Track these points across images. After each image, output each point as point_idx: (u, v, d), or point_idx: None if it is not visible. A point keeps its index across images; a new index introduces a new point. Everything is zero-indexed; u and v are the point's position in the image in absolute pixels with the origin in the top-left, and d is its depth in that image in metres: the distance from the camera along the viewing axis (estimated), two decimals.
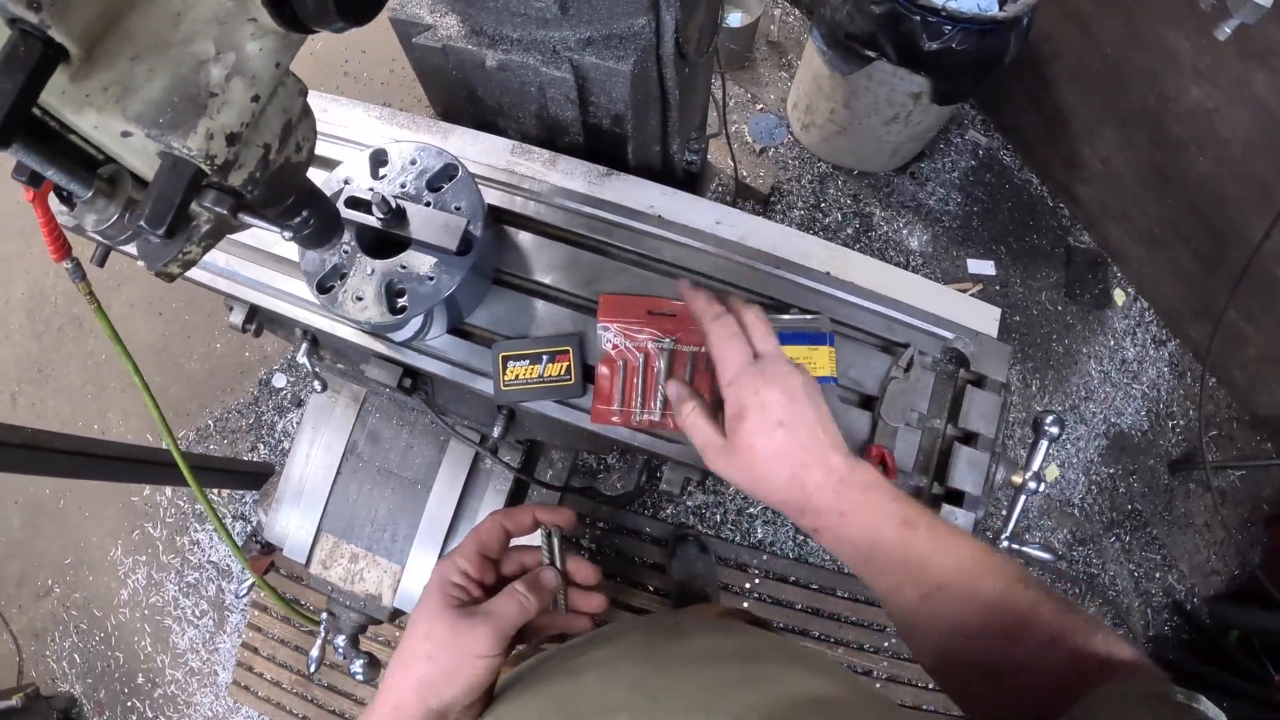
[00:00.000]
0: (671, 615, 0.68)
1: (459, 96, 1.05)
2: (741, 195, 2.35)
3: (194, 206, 0.47)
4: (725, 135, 1.54)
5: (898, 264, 2.39)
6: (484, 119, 1.08)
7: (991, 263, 2.42)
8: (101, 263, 1.09)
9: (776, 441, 0.56)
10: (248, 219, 0.54)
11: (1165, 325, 2.42)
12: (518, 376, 0.81)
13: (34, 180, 0.54)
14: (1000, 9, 1.81)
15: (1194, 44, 1.80)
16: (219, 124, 0.44)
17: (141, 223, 0.43)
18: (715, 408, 0.63)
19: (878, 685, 1.99)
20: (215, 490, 2.25)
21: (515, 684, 0.58)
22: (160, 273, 0.56)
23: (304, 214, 0.61)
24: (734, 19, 2.33)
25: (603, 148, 1.05)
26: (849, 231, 2.43)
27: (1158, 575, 2.25)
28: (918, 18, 1.66)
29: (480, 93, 1.02)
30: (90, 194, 0.49)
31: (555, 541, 0.62)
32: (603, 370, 0.81)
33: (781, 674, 0.53)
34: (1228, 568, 2.25)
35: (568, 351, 0.81)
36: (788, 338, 0.84)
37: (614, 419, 0.81)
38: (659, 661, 0.55)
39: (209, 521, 2.29)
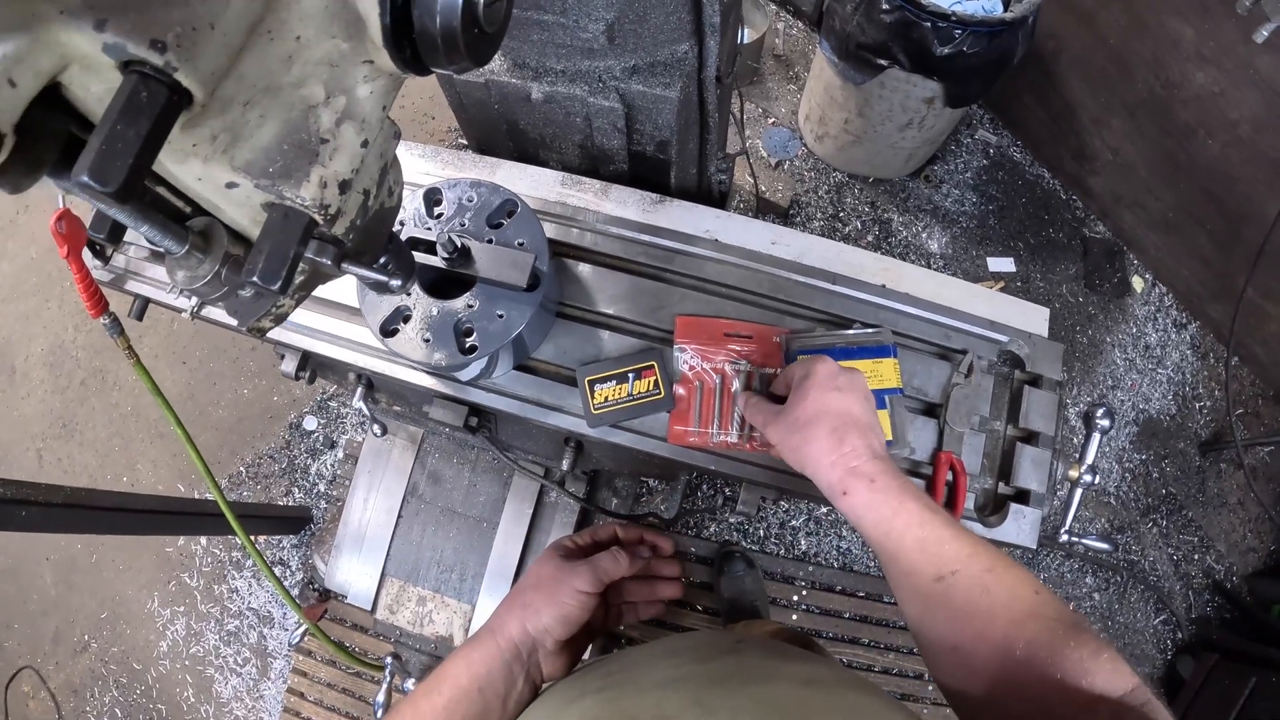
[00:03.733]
0: (730, 634, 0.70)
1: (499, 130, 1.06)
2: (762, 210, 2.36)
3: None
4: (745, 152, 1.55)
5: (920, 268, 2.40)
6: (525, 151, 1.09)
7: (1011, 259, 2.42)
8: (140, 316, 1.08)
9: (829, 398, 0.64)
10: (349, 268, 0.53)
11: (1185, 309, 2.42)
12: (607, 398, 0.82)
13: (114, 235, 0.50)
14: (1006, 10, 1.83)
15: (1197, 29, 1.81)
16: (332, 171, 0.43)
17: (255, 279, 0.41)
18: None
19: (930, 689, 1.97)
20: (253, 537, 2.23)
21: (573, 683, 0.59)
22: (252, 328, 0.55)
23: (383, 259, 0.61)
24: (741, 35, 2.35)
25: (645, 174, 1.06)
26: (869, 239, 2.44)
27: (1196, 557, 2.24)
28: (928, 24, 1.68)
29: (523, 125, 1.03)
30: (184, 250, 0.46)
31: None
32: (680, 391, 0.82)
33: (840, 699, 0.53)
34: (1264, 544, 2.24)
35: (653, 366, 0.82)
36: (852, 353, 0.85)
37: (691, 439, 0.81)
38: (718, 679, 0.55)
39: (247, 569, 2.27)
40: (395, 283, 0.57)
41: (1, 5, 0.29)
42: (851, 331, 0.86)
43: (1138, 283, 2.44)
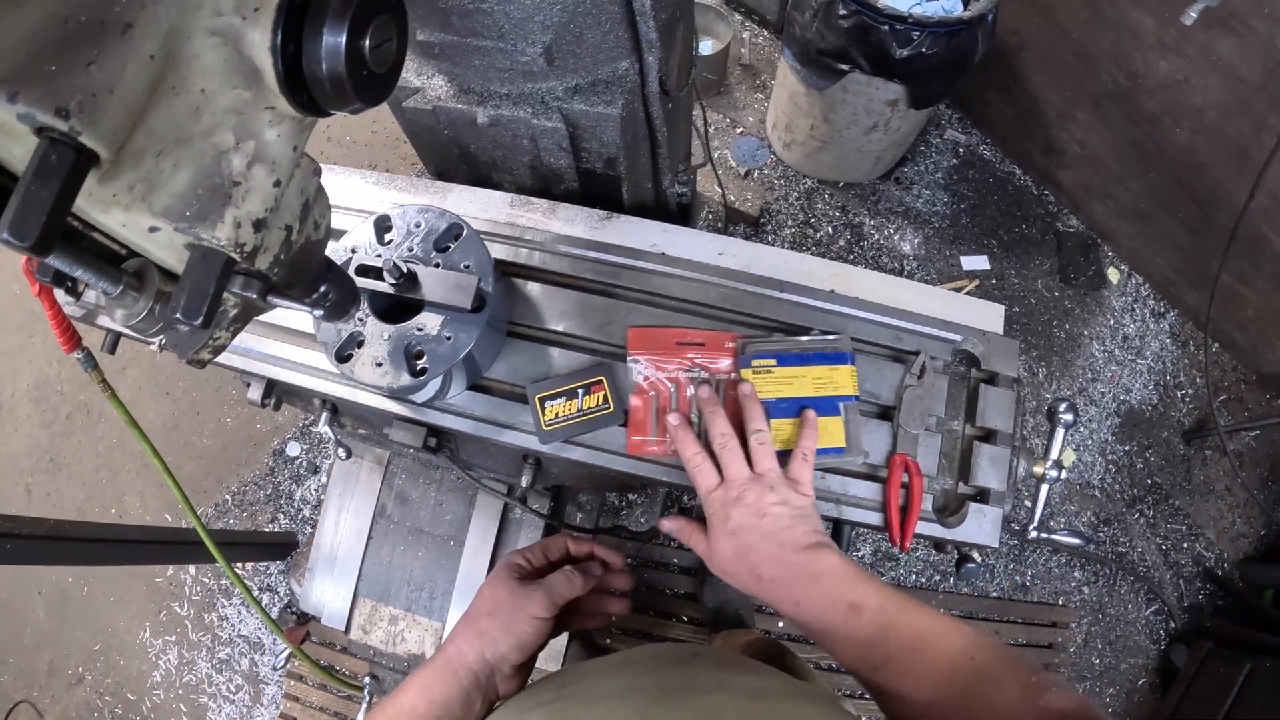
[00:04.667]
0: (690, 646, 0.73)
1: (452, 155, 1.07)
2: (732, 220, 2.38)
3: (223, 294, 0.46)
4: (710, 163, 1.56)
5: (893, 270, 2.41)
6: (478, 174, 1.10)
7: (985, 257, 2.44)
8: (113, 350, 1.10)
9: (732, 545, 0.67)
10: (276, 301, 0.54)
11: (1162, 297, 2.44)
12: (557, 415, 0.82)
13: (58, 280, 0.54)
14: (965, 9, 1.85)
15: (1157, 19, 1.83)
16: (245, 211, 0.45)
17: (178, 315, 0.43)
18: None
19: None
20: (240, 564, 2.24)
21: (529, 695, 0.61)
22: (192, 360, 0.57)
23: (324, 289, 0.62)
24: (705, 47, 2.38)
25: (597, 191, 1.07)
26: (841, 243, 2.46)
27: (1185, 545, 2.24)
28: (886, 27, 1.70)
29: (473, 149, 1.04)
30: (119, 290, 0.49)
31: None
32: (636, 402, 0.83)
33: (783, 709, 0.54)
34: (1254, 529, 2.25)
35: (601, 381, 0.82)
36: (809, 359, 0.86)
37: (651, 449, 0.82)
38: (667, 690, 0.56)
39: (236, 596, 2.28)
40: (317, 312, 0.59)
41: None
42: (807, 338, 0.87)
43: (1113, 274, 2.46)
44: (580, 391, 0.81)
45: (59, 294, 0.98)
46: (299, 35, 0.41)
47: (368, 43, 0.42)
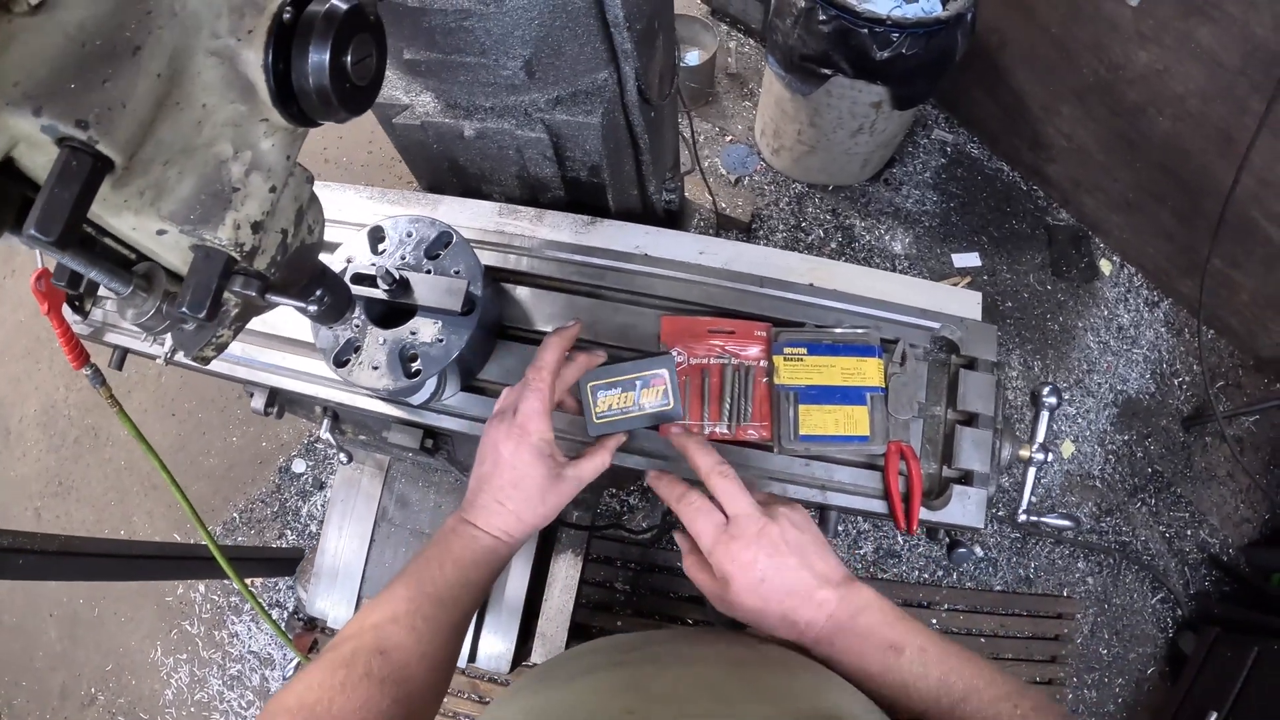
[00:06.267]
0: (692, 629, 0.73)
1: (442, 169, 1.11)
2: (724, 227, 2.41)
3: (225, 292, 0.51)
4: (699, 171, 1.60)
5: (884, 269, 2.43)
6: (469, 186, 1.14)
7: (976, 254, 2.47)
8: (120, 366, 1.14)
9: (761, 595, 0.60)
10: (274, 298, 0.59)
11: (1155, 286, 2.45)
12: (611, 406, 0.76)
13: (73, 283, 0.59)
14: (943, 8, 1.89)
15: (1134, 10, 1.86)
16: (243, 215, 0.49)
17: (184, 309, 0.48)
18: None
19: None
20: (250, 580, 2.26)
21: (520, 683, 0.61)
22: (197, 357, 0.61)
23: (319, 291, 0.66)
24: (691, 57, 2.42)
25: (584, 199, 1.10)
26: (833, 246, 2.49)
27: (1189, 533, 2.25)
28: (865, 30, 1.74)
29: (462, 162, 1.07)
30: (129, 290, 0.53)
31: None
32: None
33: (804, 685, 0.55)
34: (1257, 514, 2.25)
35: (663, 375, 0.76)
36: (839, 349, 0.90)
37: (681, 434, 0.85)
38: (738, 665, 0.57)
39: (246, 612, 2.30)
40: (311, 309, 0.63)
41: None
42: (840, 330, 0.91)
43: (1105, 265, 2.48)
44: (638, 384, 0.74)
45: (67, 312, 1.02)
46: (288, 54, 0.45)
47: (349, 59, 0.47)
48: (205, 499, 2.40)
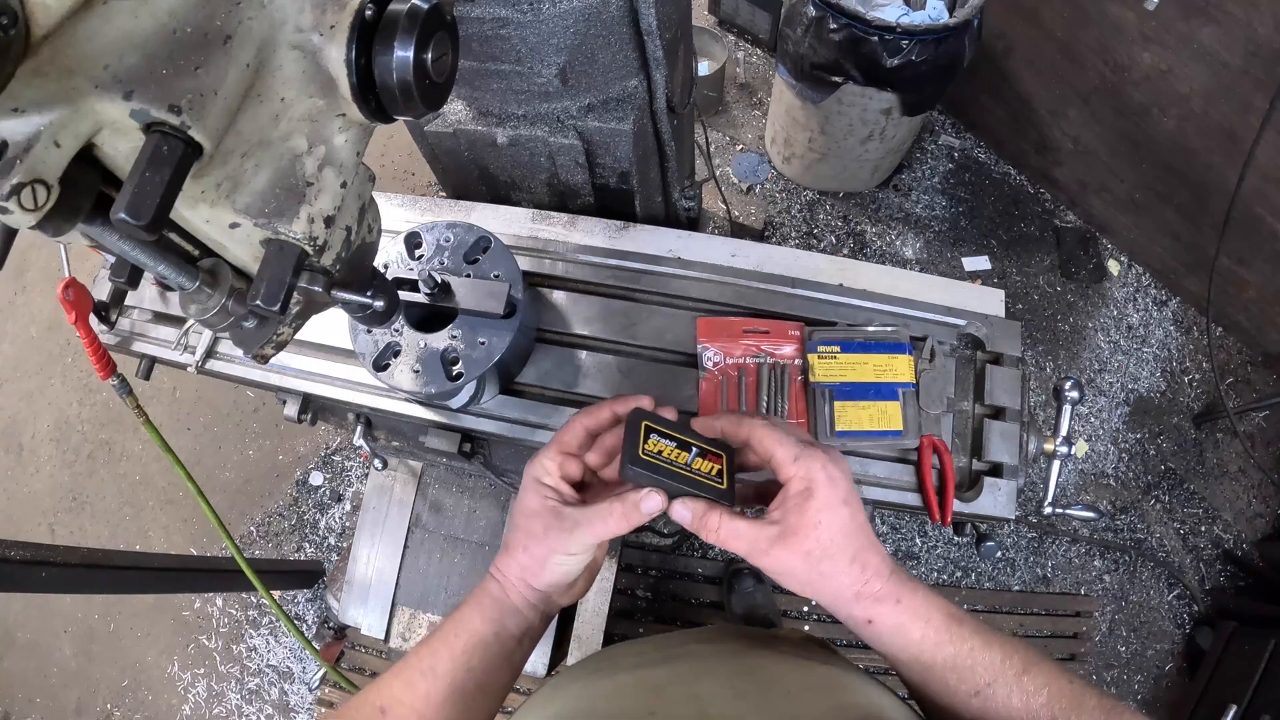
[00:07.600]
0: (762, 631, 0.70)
1: (472, 175, 1.12)
2: (737, 234, 2.43)
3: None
4: (713, 178, 1.61)
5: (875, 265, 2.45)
6: (497, 194, 1.15)
7: (985, 257, 2.48)
8: (147, 376, 1.14)
9: (843, 519, 0.53)
10: (340, 294, 0.59)
11: (1163, 285, 2.47)
12: (660, 452, 0.62)
13: (133, 279, 0.58)
14: (951, 16, 1.91)
15: (1138, 12, 1.87)
16: (317, 209, 0.50)
17: (258, 302, 0.48)
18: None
19: None
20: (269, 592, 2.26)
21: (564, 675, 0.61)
22: (256, 355, 0.61)
23: (371, 291, 0.67)
24: (702, 68, 2.44)
25: (611, 205, 1.12)
26: (844, 252, 2.51)
27: (1203, 529, 2.25)
28: (875, 38, 1.76)
29: (493, 169, 1.09)
30: (195, 285, 0.53)
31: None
32: (705, 386, 0.88)
33: (854, 690, 0.54)
34: (1270, 508, 2.25)
35: (722, 456, 0.64)
36: (870, 347, 0.92)
37: None
38: (750, 666, 0.57)
39: (264, 626, 2.29)
40: (379, 304, 0.63)
41: (49, 83, 0.36)
42: (872, 328, 0.93)
43: (1114, 266, 2.49)
44: (694, 449, 0.63)
45: (94, 322, 1.03)
46: (370, 50, 0.46)
47: (430, 55, 0.47)
48: (222, 513, 2.34)
